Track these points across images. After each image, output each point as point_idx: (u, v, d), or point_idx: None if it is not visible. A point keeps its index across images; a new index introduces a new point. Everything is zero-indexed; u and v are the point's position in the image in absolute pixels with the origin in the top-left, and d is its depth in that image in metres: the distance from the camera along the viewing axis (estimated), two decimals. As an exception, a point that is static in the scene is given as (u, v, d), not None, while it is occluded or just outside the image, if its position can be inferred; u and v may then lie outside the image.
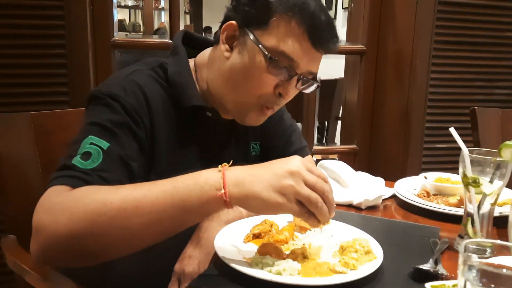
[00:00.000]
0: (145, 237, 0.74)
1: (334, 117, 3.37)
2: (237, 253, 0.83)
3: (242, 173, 0.75)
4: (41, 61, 1.60)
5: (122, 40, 1.90)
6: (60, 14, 1.59)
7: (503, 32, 2.08)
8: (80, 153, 0.81)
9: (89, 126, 0.86)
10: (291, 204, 0.72)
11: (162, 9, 9.05)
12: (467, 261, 0.53)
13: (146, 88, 0.93)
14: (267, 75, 0.90)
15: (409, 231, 1.01)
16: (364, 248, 0.82)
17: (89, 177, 0.78)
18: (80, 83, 1.67)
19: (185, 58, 1.02)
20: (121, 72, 0.97)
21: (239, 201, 0.74)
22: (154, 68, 0.99)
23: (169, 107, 0.97)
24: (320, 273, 0.76)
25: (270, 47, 0.89)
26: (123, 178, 0.84)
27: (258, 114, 0.96)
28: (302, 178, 0.73)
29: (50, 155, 1.19)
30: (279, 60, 0.89)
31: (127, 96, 0.89)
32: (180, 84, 0.98)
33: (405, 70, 2.11)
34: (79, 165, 0.79)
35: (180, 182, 0.74)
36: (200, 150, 1.02)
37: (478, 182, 0.88)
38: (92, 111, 0.90)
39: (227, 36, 0.95)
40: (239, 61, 0.93)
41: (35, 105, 1.56)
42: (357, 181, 1.22)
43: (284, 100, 0.95)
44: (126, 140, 0.87)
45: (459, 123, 2.12)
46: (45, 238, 0.71)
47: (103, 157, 0.81)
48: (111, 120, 0.86)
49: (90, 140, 0.82)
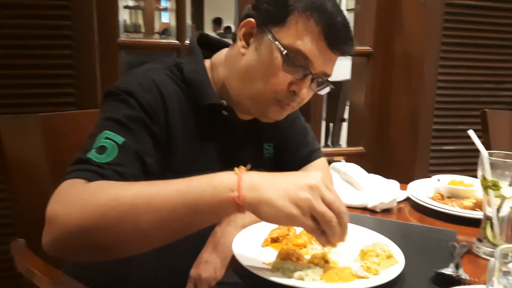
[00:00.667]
0: (155, 236, 0.73)
1: (339, 119, 3.36)
2: (256, 257, 0.82)
3: (259, 178, 0.72)
4: (48, 61, 1.59)
5: (129, 41, 1.90)
6: (67, 14, 1.58)
7: (508, 34, 2.08)
8: (95, 147, 0.81)
9: (105, 121, 0.86)
10: (305, 218, 0.70)
11: (163, 9, 9.06)
12: (502, 267, 0.52)
13: (162, 86, 0.93)
14: (282, 72, 0.91)
15: (426, 235, 1.00)
16: (386, 252, 0.81)
17: (104, 170, 0.78)
18: (87, 84, 1.66)
19: (200, 58, 1.03)
20: (138, 70, 0.97)
21: (252, 206, 0.71)
22: (170, 68, 0.99)
23: (185, 105, 0.97)
24: (342, 278, 0.75)
25: (286, 45, 0.90)
26: (138, 173, 0.84)
27: (277, 108, 0.96)
28: (320, 193, 0.71)
29: (60, 158, 1.17)
30: (295, 58, 0.90)
31: (143, 92, 0.90)
32: (196, 82, 0.99)
33: (412, 72, 2.10)
34: (94, 159, 0.79)
35: (194, 181, 0.72)
36: (215, 149, 1.02)
37: (498, 185, 0.87)
38: (108, 106, 0.90)
39: (244, 33, 0.96)
40: (255, 57, 0.93)
41: (42, 106, 1.55)
42: (372, 184, 1.20)
43: (298, 98, 0.95)
44: (141, 135, 0.87)
45: (467, 125, 2.11)
46: (57, 229, 0.70)
47: (118, 152, 0.81)
48: (127, 115, 0.86)
49: (105, 135, 0.82)
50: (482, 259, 0.90)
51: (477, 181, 1.26)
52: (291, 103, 0.96)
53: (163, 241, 0.74)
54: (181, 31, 1.94)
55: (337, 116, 3.44)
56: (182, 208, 0.70)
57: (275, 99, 0.95)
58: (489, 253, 0.90)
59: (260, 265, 0.78)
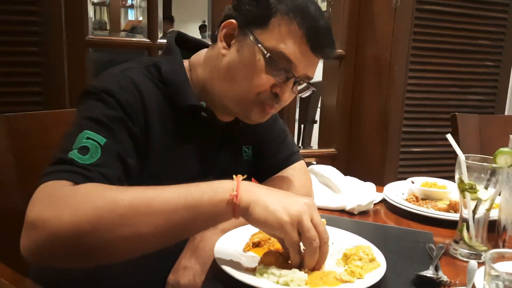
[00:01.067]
0: (153, 239, 0.71)
1: (310, 121, 3.38)
2: (239, 263, 0.80)
3: (257, 186, 0.76)
4: (14, 59, 1.52)
5: (98, 39, 1.84)
6: (34, 10, 1.51)
7: (476, 40, 2.15)
8: (76, 147, 0.78)
9: (84, 121, 0.82)
10: (292, 228, 0.72)
11: (130, 6, 8.89)
12: (491, 271, 0.52)
13: (141, 85, 0.91)
14: (264, 75, 0.90)
15: (403, 237, 1.01)
16: (368, 256, 0.81)
17: (90, 173, 0.75)
18: (54, 83, 1.60)
19: (179, 57, 1.00)
20: (115, 69, 0.94)
21: (246, 206, 0.72)
22: (148, 67, 0.97)
23: (164, 106, 0.95)
24: (327, 282, 0.74)
25: (269, 47, 0.89)
26: (121, 175, 0.81)
27: (260, 111, 0.96)
28: (310, 213, 0.73)
29: (26, 159, 1.12)
30: (278, 61, 0.89)
31: (122, 92, 0.87)
32: (174, 82, 0.97)
33: (383, 75, 2.14)
34: (77, 160, 0.76)
35: (194, 185, 0.73)
36: (193, 151, 1.00)
37: (475, 188, 0.89)
38: (86, 105, 0.87)
39: (225, 34, 0.95)
40: (237, 58, 0.92)
41: (7, 106, 1.48)
42: (349, 186, 1.21)
43: (280, 101, 0.95)
44: (122, 136, 0.84)
45: (435, 127, 2.19)
46: (44, 234, 0.66)
47: (101, 152, 0.78)
48: (107, 115, 0.83)
49: (86, 135, 0.79)
50: (459, 261, 0.92)
51: (450, 183, 1.30)
52: (274, 105, 0.95)
53: (159, 245, 0.72)
54: (153, 30, 1.90)
55: (308, 118, 3.47)
56: (182, 210, 0.70)
57: (258, 101, 0.94)
58: (465, 255, 0.92)
59: (244, 271, 0.77)
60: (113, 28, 7.69)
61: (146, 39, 1.90)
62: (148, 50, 1.91)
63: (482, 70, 2.20)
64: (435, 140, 2.18)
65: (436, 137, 2.18)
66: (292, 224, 0.71)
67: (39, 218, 0.67)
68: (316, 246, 0.73)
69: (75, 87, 1.66)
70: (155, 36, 1.89)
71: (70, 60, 1.66)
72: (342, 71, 2.25)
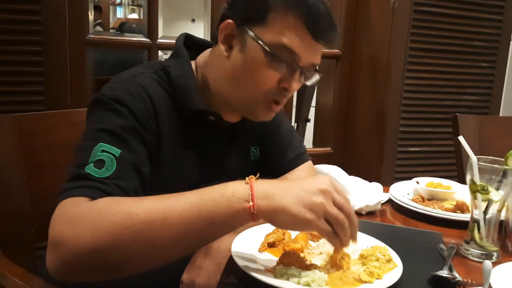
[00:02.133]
0: (171, 251, 0.71)
1: (303, 119, 3.38)
2: (257, 263, 0.80)
3: (271, 186, 0.73)
4: (16, 58, 1.50)
5: (98, 38, 1.82)
6: (38, 9, 1.50)
7: (472, 41, 2.18)
8: (92, 161, 0.77)
9: (98, 133, 0.82)
10: (321, 222, 0.72)
11: (119, 4, 8.82)
12: None
13: (151, 91, 0.91)
14: (269, 71, 0.90)
15: (413, 237, 1.03)
16: (385, 256, 0.82)
17: (107, 187, 0.75)
18: (57, 82, 1.59)
19: (187, 61, 1.00)
20: (125, 74, 0.94)
21: (267, 214, 0.72)
22: (157, 72, 0.96)
23: (172, 110, 0.95)
24: (347, 283, 0.75)
25: (270, 42, 0.88)
26: (137, 185, 0.81)
27: (266, 109, 0.95)
28: (332, 197, 0.73)
29: (34, 159, 1.13)
30: (280, 54, 0.88)
31: (134, 100, 0.87)
32: (183, 87, 0.96)
33: (380, 75, 2.16)
34: (94, 174, 0.75)
35: (207, 194, 0.71)
36: (202, 154, 1.00)
37: (487, 190, 0.91)
38: (97, 116, 0.86)
39: (225, 35, 0.94)
40: (241, 59, 0.92)
41: (10, 105, 1.47)
42: (356, 187, 1.22)
43: (289, 93, 0.94)
44: (136, 145, 0.84)
45: (431, 127, 2.22)
46: (66, 252, 0.67)
47: (117, 165, 0.78)
48: (120, 125, 0.83)
49: (101, 147, 0.79)
50: (470, 261, 0.94)
51: (454, 183, 1.32)
52: (282, 99, 0.94)
53: (177, 255, 0.73)
54: (153, 29, 1.89)
55: (301, 117, 3.46)
56: (198, 221, 0.69)
57: (265, 100, 0.94)
58: (477, 255, 0.94)
59: (263, 272, 0.77)
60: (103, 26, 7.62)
61: (146, 39, 1.90)
62: (148, 50, 1.90)
63: (478, 71, 2.23)
64: (432, 140, 2.21)
65: (433, 137, 2.21)
66: (319, 218, 0.71)
67: (60, 236, 0.68)
68: (347, 227, 0.73)
69: (76, 86, 1.65)
70: (155, 35, 1.88)
71: (71, 59, 1.64)
72: (338, 70, 2.27)
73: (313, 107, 3.12)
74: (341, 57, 2.26)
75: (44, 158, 1.14)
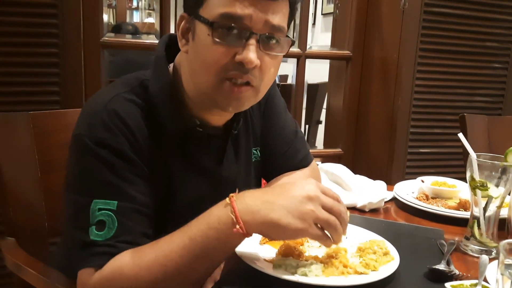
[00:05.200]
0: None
1: (315, 121, 3.41)
2: (257, 254, 0.83)
3: (254, 201, 0.75)
4: (34, 59, 1.56)
5: (112, 41, 1.87)
6: (54, 13, 1.55)
7: (483, 42, 2.17)
8: (93, 222, 0.79)
9: (89, 187, 0.81)
10: (312, 228, 0.74)
11: (135, 8, 8.97)
12: (505, 260, 0.55)
13: (128, 119, 0.84)
14: (216, 45, 0.80)
15: (415, 233, 1.04)
16: (382, 249, 0.84)
17: (113, 248, 0.78)
18: (72, 83, 1.64)
19: (166, 70, 0.93)
20: (97, 100, 0.87)
21: (257, 229, 0.75)
22: (134, 89, 0.89)
23: (156, 132, 0.88)
24: (343, 274, 0.77)
25: (212, 16, 0.81)
26: (144, 227, 0.83)
27: (228, 92, 0.84)
28: (320, 202, 0.75)
29: (49, 156, 1.17)
30: (225, 25, 0.80)
31: (114, 136, 0.82)
32: (162, 106, 0.89)
33: (390, 77, 2.16)
34: (98, 239, 0.78)
35: (195, 230, 0.76)
36: (198, 169, 0.95)
37: (486, 186, 0.92)
38: (83, 163, 0.83)
39: (182, 30, 0.89)
40: (194, 48, 0.86)
41: (26, 105, 1.52)
42: (360, 184, 1.24)
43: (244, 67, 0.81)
44: (130, 187, 0.82)
45: (442, 128, 2.21)
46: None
47: (117, 220, 0.79)
48: (109, 173, 0.81)
49: (97, 205, 0.79)
50: (470, 256, 0.95)
51: (459, 182, 1.33)
52: (242, 76, 0.82)
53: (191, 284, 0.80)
54: (165, 31, 1.94)
55: (313, 119, 3.49)
56: (196, 261, 0.76)
57: (221, 82, 0.83)
58: (476, 251, 0.95)
59: (262, 262, 0.80)
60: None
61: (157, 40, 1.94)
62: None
63: (490, 71, 2.22)
64: (443, 141, 2.21)
65: (444, 138, 2.20)
66: (310, 225, 0.74)
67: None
68: (339, 227, 0.76)
69: (91, 87, 1.70)
70: (167, 37, 1.93)
71: (86, 61, 1.69)
72: (349, 72, 2.28)
73: (324, 109, 3.14)
74: (351, 59, 2.27)
75: (58, 156, 1.17)
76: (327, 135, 2.78)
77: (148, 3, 8.91)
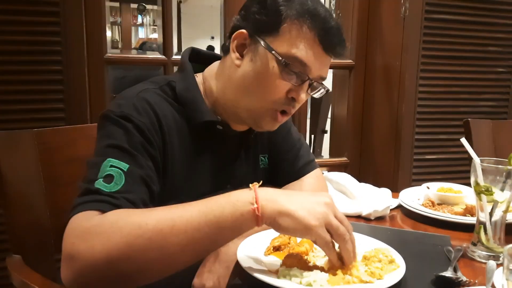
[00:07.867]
0: (181, 258, 0.74)
1: (320, 130, 3.41)
2: (261, 265, 0.83)
3: (275, 192, 0.78)
4: (38, 77, 1.58)
5: (115, 57, 1.89)
6: (57, 30, 1.58)
7: (486, 47, 2.17)
8: (101, 176, 0.81)
9: (106, 149, 0.85)
10: (322, 229, 0.75)
11: (140, 25, 9.08)
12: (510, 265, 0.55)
13: (157, 106, 0.94)
14: (280, 81, 0.92)
15: (421, 240, 1.03)
16: (388, 257, 0.83)
17: (116, 200, 0.78)
18: (77, 99, 1.66)
19: (191, 73, 1.03)
20: (130, 91, 0.97)
21: (271, 217, 0.75)
22: (162, 87, 0.99)
23: (180, 123, 0.97)
24: (348, 283, 0.76)
25: (282, 53, 0.91)
26: (146, 198, 0.84)
27: (272, 119, 0.97)
28: (333, 210, 0.77)
29: (54, 173, 1.17)
30: (292, 65, 0.91)
31: (139, 115, 0.90)
32: (189, 100, 0.99)
33: (394, 84, 2.16)
34: (103, 189, 0.79)
35: (213, 201, 0.75)
36: (212, 163, 1.03)
37: (490, 191, 0.91)
38: (105, 132, 0.89)
39: (237, 44, 0.96)
40: (252, 68, 0.94)
41: (31, 122, 1.53)
42: (365, 192, 1.23)
43: (297, 104, 0.97)
44: (143, 160, 0.87)
45: (447, 134, 2.20)
46: (80, 265, 0.70)
47: (125, 179, 0.81)
48: (127, 141, 0.86)
49: (109, 163, 0.82)
50: (477, 262, 0.94)
51: (465, 188, 1.32)
52: (290, 109, 0.96)
53: (188, 262, 0.76)
54: (168, 47, 1.96)
55: (318, 128, 3.49)
56: (205, 227, 0.73)
57: (272, 109, 0.96)
58: (484, 257, 0.94)
59: (267, 273, 0.79)
60: (124, 46, 7.85)
61: (161, 56, 1.96)
62: (163, 67, 1.97)
63: (494, 76, 2.21)
64: (448, 147, 2.19)
65: (450, 144, 2.19)
66: (321, 226, 0.75)
67: (73, 250, 0.71)
68: (348, 240, 0.77)
69: (95, 103, 1.72)
70: (170, 53, 1.95)
71: (90, 77, 1.71)
72: (352, 80, 2.29)
73: (329, 118, 3.14)
74: (354, 67, 2.28)
75: (64, 172, 1.19)
76: (332, 144, 2.78)
77: (153, 19, 9.04)
